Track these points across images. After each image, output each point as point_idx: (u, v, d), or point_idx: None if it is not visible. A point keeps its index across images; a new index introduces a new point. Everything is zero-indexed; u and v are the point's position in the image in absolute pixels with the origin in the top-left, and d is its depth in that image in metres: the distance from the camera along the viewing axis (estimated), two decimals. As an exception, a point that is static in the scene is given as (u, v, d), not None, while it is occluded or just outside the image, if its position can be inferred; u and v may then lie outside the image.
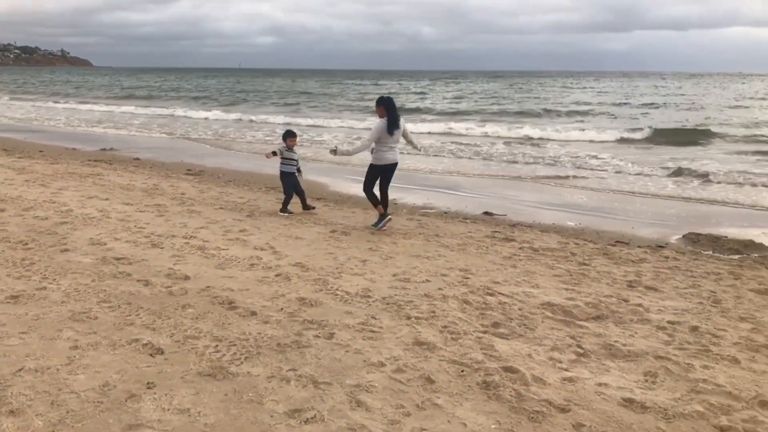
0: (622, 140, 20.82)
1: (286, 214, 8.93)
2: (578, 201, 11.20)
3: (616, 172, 14.35)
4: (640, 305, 5.52)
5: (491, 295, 5.66)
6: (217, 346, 4.34)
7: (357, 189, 11.61)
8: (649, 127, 22.09)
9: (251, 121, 29.30)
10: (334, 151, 8.34)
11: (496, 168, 15.30)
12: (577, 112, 33.45)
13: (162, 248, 6.87)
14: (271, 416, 3.46)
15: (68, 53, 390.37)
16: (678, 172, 13.71)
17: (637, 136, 21.21)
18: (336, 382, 3.87)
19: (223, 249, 6.91)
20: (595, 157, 16.55)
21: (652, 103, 39.98)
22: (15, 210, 8.48)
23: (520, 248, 7.48)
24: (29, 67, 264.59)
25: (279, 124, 27.46)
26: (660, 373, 4.17)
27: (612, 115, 32.41)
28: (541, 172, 14.53)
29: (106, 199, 9.55)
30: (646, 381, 4.07)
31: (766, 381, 4.11)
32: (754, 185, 12.52)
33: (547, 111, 34.08)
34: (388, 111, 8.00)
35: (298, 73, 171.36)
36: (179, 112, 33.64)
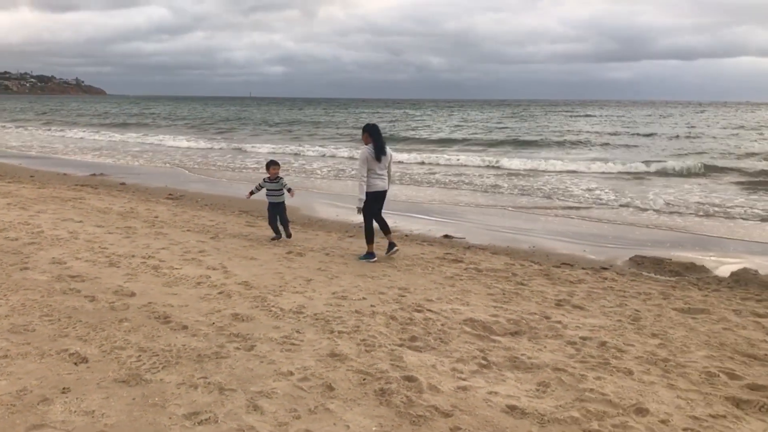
0: (610, 171, 20.78)
1: (274, 239, 9.19)
2: (543, 226, 11.48)
3: (595, 202, 14.60)
4: (559, 322, 5.78)
5: (419, 311, 5.94)
6: (140, 356, 4.63)
7: (325, 213, 11.94)
8: (644, 162, 22.03)
9: (239, 149, 29.64)
10: (359, 209, 8.15)
11: (474, 196, 15.59)
12: (578, 142, 33.54)
13: (118, 267, 7.19)
14: (170, 418, 3.74)
15: (83, 82, 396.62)
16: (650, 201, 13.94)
17: (629, 168, 21.01)
18: (240, 389, 4.14)
19: (177, 268, 7.22)
20: (576, 185, 16.81)
21: (651, 134, 40.08)
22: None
23: (465, 269, 7.76)
24: (44, 95, 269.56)
25: (264, 154, 27.88)
26: (552, 383, 4.43)
27: (608, 144, 32.64)
28: (520, 201, 14.81)
29: (80, 221, 9.90)
30: (537, 390, 4.33)
31: (650, 391, 4.35)
32: (708, 214, 12.72)
33: (546, 139, 34.37)
34: (374, 138, 8.07)
35: (306, 102, 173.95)
36: (174, 140, 33.87)
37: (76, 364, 4.46)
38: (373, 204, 8.21)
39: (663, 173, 19.98)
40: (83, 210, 11.02)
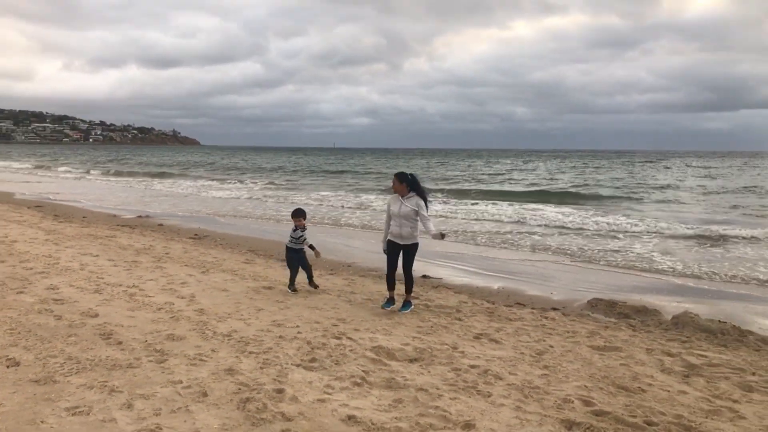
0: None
1: (291, 291, 8.81)
2: (540, 272, 11.72)
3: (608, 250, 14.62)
4: (462, 352, 6.17)
5: (338, 339, 6.48)
6: (64, 363, 5.42)
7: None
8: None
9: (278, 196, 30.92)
10: (443, 235, 7.79)
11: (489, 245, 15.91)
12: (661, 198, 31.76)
13: (100, 294, 8.11)
14: (52, 410, 4.47)
15: (179, 133, 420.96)
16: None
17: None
18: (127, 392, 4.83)
19: (150, 296, 8.07)
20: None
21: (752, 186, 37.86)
22: (13, 261, 10.07)
23: (414, 306, 8.19)
24: (143, 145, 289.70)
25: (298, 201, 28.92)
26: (406, 400, 4.87)
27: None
28: (536, 254, 15.04)
29: (97, 255, 11.03)
30: (389, 405, 4.78)
31: (494, 411, 4.72)
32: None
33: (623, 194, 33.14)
34: (394, 187, 7.88)
35: (388, 152, 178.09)
36: (248, 189, 35.57)
37: (8, 366, 5.29)
38: (391, 252, 7.97)
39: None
40: (107, 246, 12.20)
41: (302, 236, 8.99)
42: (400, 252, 7.91)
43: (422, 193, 7.83)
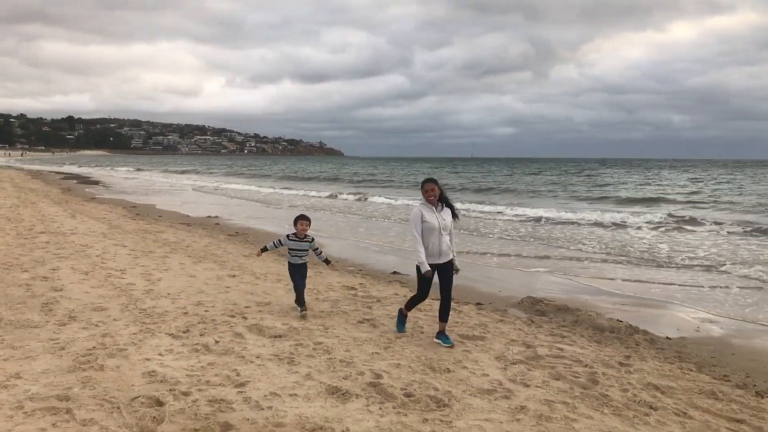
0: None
1: (300, 310, 7.51)
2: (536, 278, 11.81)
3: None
4: (327, 329, 6.74)
5: (233, 317, 7.28)
6: (-11, 320, 6.70)
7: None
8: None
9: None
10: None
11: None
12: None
13: (86, 275, 9.49)
14: (-61, 350, 5.68)
15: (325, 144, 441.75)
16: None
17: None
18: (7, 343, 5.96)
19: (123, 278, 9.33)
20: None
21: None
22: (52, 248, 11.83)
23: (347, 295, 8.75)
24: (291, 156, 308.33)
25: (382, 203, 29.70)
26: (219, 363, 5.57)
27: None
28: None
29: (125, 246, 12.62)
30: (202, 368, 5.52)
31: (267, 373, 5.31)
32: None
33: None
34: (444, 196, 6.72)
35: (531, 161, 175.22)
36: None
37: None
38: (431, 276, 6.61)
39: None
40: (145, 240, 13.81)
41: (313, 246, 7.72)
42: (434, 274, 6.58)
43: (450, 202, 6.74)
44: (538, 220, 21.74)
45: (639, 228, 19.27)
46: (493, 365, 5.86)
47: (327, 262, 7.87)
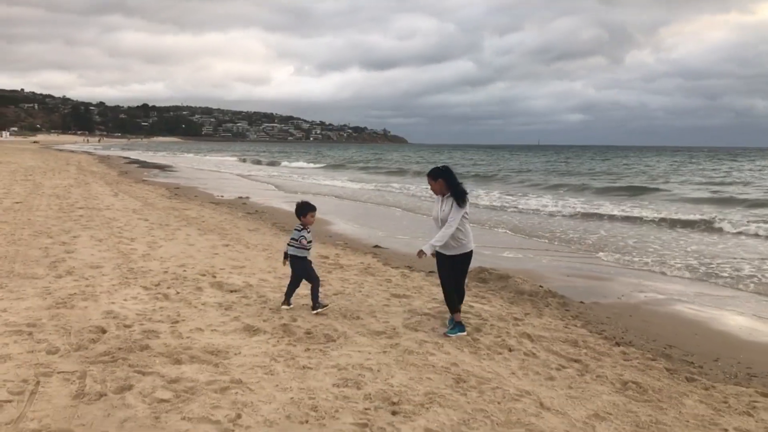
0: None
1: (285, 307, 6.99)
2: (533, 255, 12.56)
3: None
4: (280, 276, 7.81)
5: (204, 275, 8.45)
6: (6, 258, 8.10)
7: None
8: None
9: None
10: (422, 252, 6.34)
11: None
12: None
13: (100, 241, 10.89)
14: (-47, 291, 7.07)
15: (389, 132, 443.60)
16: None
17: None
18: (6, 284, 7.31)
19: (129, 244, 10.66)
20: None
21: None
22: (83, 221, 13.35)
23: (323, 263, 9.77)
24: (356, 143, 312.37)
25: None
26: (167, 305, 6.73)
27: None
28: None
29: (147, 220, 14.06)
30: (154, 310, 6.68)
31: (195, 313, 6.41)
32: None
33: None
34: (452, 185, 6.43)
35: (605, 149, 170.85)
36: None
37: (-33, 271, 8.10)
38: (441, 266, 6.60)
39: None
40: (169, 215, 15.25)
41: (305, 237, 6.95)
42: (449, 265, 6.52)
43: (458, 191, 6.39)
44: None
45: None
46: (400, 315, 6.79)
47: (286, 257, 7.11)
